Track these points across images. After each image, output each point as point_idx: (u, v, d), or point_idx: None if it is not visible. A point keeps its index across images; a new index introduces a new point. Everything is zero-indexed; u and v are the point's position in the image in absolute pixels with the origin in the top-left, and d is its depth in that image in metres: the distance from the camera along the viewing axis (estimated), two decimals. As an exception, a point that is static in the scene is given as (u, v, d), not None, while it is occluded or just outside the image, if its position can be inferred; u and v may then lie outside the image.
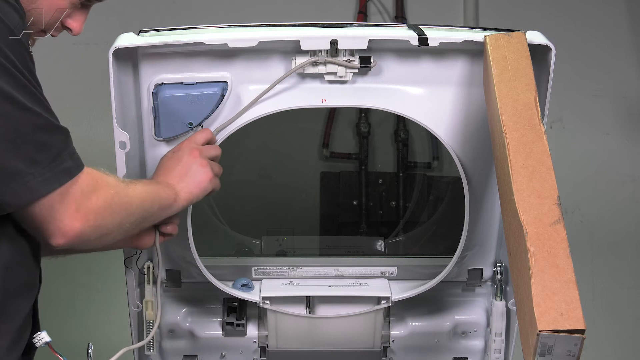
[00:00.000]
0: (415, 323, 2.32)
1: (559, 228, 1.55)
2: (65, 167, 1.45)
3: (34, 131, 1.42)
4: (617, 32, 3.40)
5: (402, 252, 2.79)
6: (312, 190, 3.07)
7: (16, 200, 1.41)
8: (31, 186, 1.42)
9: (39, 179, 1.42)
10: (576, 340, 1.45)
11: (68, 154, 1.47)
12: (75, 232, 1.48)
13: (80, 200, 1.47)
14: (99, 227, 1.52)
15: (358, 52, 1.94)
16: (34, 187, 1.42)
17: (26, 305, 1.56)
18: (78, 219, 1.47)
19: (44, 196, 1.43)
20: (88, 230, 1.49)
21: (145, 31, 1.91)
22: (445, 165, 2.97)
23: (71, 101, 3.04)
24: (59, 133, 1.47)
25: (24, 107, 1.40)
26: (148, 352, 2.19)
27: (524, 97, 1.73)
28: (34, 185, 1.42)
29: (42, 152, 1.43)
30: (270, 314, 2.22)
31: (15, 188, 1.40)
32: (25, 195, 1.41)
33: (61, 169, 1.45)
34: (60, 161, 1.45)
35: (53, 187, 1.44)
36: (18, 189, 1.41)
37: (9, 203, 1.42)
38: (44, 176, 1.43)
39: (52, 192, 1.44)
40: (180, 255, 2.11)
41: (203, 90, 1.93)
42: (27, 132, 1.41)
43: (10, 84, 1.38)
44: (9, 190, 1.40)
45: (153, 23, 2.10)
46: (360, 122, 3.13)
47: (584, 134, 3.41)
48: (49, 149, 1.44)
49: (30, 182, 1.41)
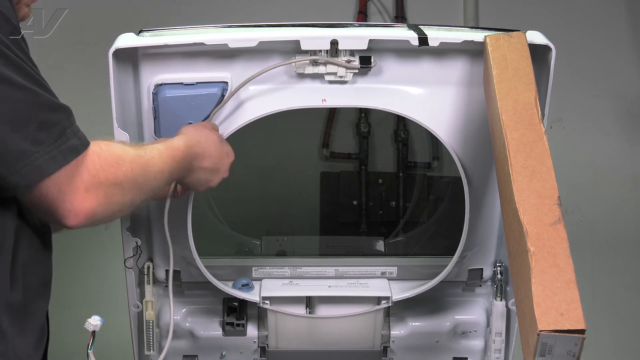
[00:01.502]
0: (415, 323, 2.32)
1: (559, 228, 1.55)
2: (71, 144, 1.43)
3: (35, 110, 1.40)
4: (617, 32, 3.40)
5: (402, 252, 2.79)
6: (312, 190, 3.07)
7: (23, 180, 1.39)
8: (38, 164, 1.39)
9: (45, 157, 1.40)
10: (576, 340, 1.45)
11: (72, 132, 1.44)
12: (87, 213, 1.45)
13: (89, 180, 1.45)
14: (110, 205, 1.49)
15: (358, 52, 1.94)
16: (41, 165, 1.39)
17: (45, 304, 1.56)
18: (88, 199, 1.45)
19: (52, 174, 1.41)
20: (100, 209, 1.47)
21: (145, 31, 1.91)
22: (445, 165, 2.97)
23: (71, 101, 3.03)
24: (61, 111, 1.45)
25: (21, 86, 1.38)
26: (148, 352, 2.19)
27: (524, 97, 1.73)
28: (41, 164, 1.39)
29: (46, 131, 1.40)
30: (270, 314, 2.22)
31: (21, 168, 1.38)
32: (33, 174, 1.39)
33: (67, 146, 1.42)
34: (65, 139, 1.42)
35: (60, 165, 1.41)
36: (24, 169, 1.38)
37: (17, 184, 1.39)
38: (50, 154, 1.40)
39: (59, 169, 1.41)
40: (180, 255, 2.11)
41: (203, 91, 1.93)
42: (28, 111, 1.39)
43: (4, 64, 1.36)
44: (15, 171, 1.38)
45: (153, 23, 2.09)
46: (360, 122, 3.13)
47: (584, 134, 3.40)
48: (53, 127, 1.41)
49: (37, 161, 1.39)
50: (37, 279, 1.53)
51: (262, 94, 1.96)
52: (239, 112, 1.96)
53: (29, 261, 1.50)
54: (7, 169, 1.38)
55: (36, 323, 1.53)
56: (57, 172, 1.41)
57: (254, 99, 1.96)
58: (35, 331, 1.53)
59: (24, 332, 1.50)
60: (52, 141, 1.41)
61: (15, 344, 1.47)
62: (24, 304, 1.49)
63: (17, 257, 1.47)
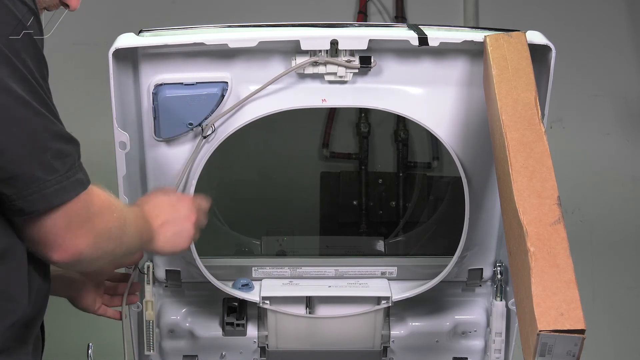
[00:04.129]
0: (415, 323, 2.32)
1: (559, 228, 1.55)
2: (79, 178, 1.42)
3: (52, 138, 1.38)
4: (617, 32, 3.40)
5: (402, 252, 2.79)
6: (312, 190, 3.07)
7: (30, 207, 1.37)
8: (47, 193, 1.37)
9: (56, 186, 1.38)
10: (576, 340, 1.45)
11: (79, 166, 1.43)
12: (75, 251, 1.43)
13: (86, 218, 1.43)
14: (96, 250, 1.47)
15: (358, 52, 1.94)
16: (50, 194, 1.37)
17: (43, 314, 1.56)
18: (80, 237, 1.43)
19: (59, 206, 1.38)
20: (87, 251, 1.44)
21: (145, 31, 1.91)
22: (445, 165, 2.97)
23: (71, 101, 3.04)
24: (74, 143, 1.44)
25: (39, 113, 1.37)
26: (148, 352, 2.19)
27: (524, 97, 1.73)
28: (51, 193, 1.37)
29: (60, 160, 1.39)
30: (270, 314, 2.22)
31: (30, 194, 1.36)
32: (40, 202, 1.37)
33: (76, 179, 1.41)
34: (75, 171, 1.41)
35: (70, 197, 1.39)
36: (33, 196, 1.36)
37: (23, 209, 1.37)
38: (60, 184, 1.38)
39: (66, 202, 1.39)
40: (180, 255, 2.11)
41: (203, 91, 1.93)
42: (45, 138, 1.37)
43: (25, 89, 1.35)
44: (23, 196, 1.36)
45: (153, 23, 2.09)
46: (360, 122, 3.13)
47: (584, 134, 3.40)
48: (66, 158, 1.40)
49: (47, 190, 1.37)
50: (44, 293, 1.53)
51: (262, 94, 1.96)
52: (239, 112, 1.96)
53: (43, 277, 1.50)
54: (15, 193, 1.36)
55: (35, 332, 1.54)
56: (63, 205, 1.39)
57: (254, 99, 1.96)
58: (33, 339, 1.54)
59: (25, 343, 1.50)
60: (64, 171, 1.39)
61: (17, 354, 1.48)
62: (31, 317, 1.49)
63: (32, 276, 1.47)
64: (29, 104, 1.36)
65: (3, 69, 1.33)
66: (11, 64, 1.34)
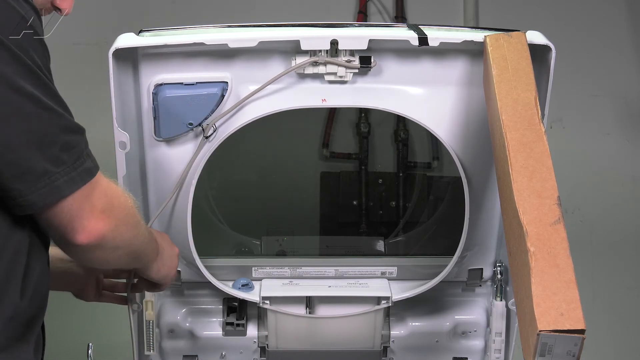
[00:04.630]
0: (415, 323, 2.32)
1: (559, 228, 1.55)
2: (87, 166, 1.45)
3: (60, 131, 1.42)
4: (617, 32, 3.39)
5: (402, 252, 2.79)
6: (312, 190, 3.07)
7: (41, 200, 1.41)
8: (58, 185, 1.41)
9: (64, 177, 1.42)
10: (576, 340, 1.45)
11: (87, 154, 1.47)
12: (99, 233, 1.47)
13: (106, 201, 1.48)
14: (117, 234, 1.51)
15: (358, 52, 1.94)
16: (60, 186, 1.41)
17: (43, 313, 1.57)
18: (102, 219, 1.47)
19: (69, 195, 1.42)
20: (109, 235, 1.49)
21: (145, 31, 1.91)
22: (445, 165, 2.97)
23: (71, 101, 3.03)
24: (80, 132, 1.47)
25: (48, 107, 1.40)
26: (148, 352, 2.19)
27: (524, 97, 1.73)
28: (60, 185, 1.41)
29: (67, 152, 1.42)
30: (270, 314, 2.22)
31: (41, 188, 1.40)
32: (51, 194, 1.41)
33: (84, 168, 1.44)
34: (82, 160, 1.45)
35: (78, 186, 1.43)
36: (44, 189, 1.40)
37: (36, 203, 1.41)
38: (69, 175, 1.42)
39: (76, 191, 1.43)
40: (180, 255, 2.11)
41: (203, 91, 1.93)
42: (53, 132, 1.41)
43: (34, 85, 1.38)
44: (34, 190, 1.40)
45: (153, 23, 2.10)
46: (360, 122, 3.13)
47: (584, 134, 3.40)
48: (73, 148, 1.43)
49: (57, 182, 1.41)
50: (43, 290, 1.54)
51: (262, 94, 1.96)
52: (239, 112, 1.96)
53: (40, 273, 1.51)
54: (27, 187, 1.39)
55: (36, 331, 1.55)
56: (74, 193, 1.43)
57: (254, 99, 1.96)
58: (34, 339, 1.54)
59: (26, 342, 1.51)
60: (71, 162, 1.43)
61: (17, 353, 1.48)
62: (30, 314, 1.50)
63: (29, 272, 1.48)
64: (39, 99, 1.39)
65: (12, 65, 1.36)
66: (20, 60, 1.37)
